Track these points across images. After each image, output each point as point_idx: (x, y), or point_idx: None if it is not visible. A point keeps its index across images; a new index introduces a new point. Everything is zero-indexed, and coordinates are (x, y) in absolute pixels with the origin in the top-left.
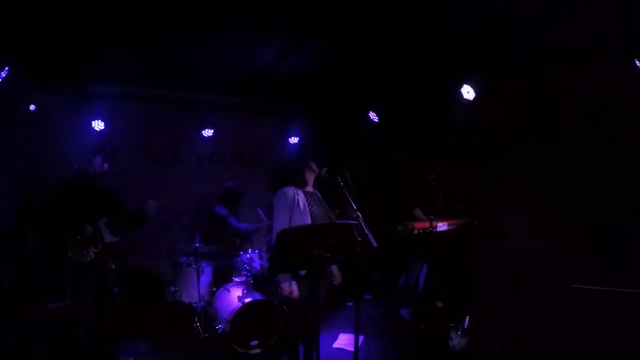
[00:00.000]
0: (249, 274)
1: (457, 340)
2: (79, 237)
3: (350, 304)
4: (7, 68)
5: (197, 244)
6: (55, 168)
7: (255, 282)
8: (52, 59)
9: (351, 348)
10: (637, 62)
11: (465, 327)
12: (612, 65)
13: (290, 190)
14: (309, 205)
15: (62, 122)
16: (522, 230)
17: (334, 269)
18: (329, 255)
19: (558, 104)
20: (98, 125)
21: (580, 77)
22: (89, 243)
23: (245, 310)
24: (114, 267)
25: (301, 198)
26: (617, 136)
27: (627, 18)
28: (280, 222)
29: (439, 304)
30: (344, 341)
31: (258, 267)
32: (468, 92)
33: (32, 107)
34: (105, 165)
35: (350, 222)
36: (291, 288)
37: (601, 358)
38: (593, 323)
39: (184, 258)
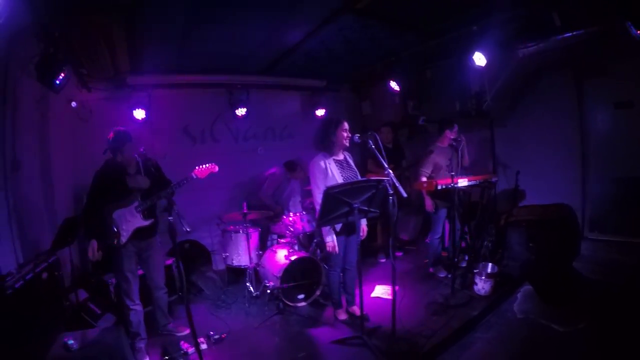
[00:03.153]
0: (292, 235)
1: (481, 284)
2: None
3: (383, 260)
4: (63, 74)
5: (245, 211)
6: (97, 161)
7: (298, 242)
8: (92, 56)
9: (387, 296)
10: None
11: (489, 272)
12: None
13: (320, 160)
14: (338, 171)
15: (103, 116)
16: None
17: (363, 224)
18: (367, 208)
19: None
20: (139, 114)
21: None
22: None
23: (291, 267)
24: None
25: (332, 166)
26: None
27: None
28: (318, 189)
29: (465, 258)
30: (380, 291)
31: (300, 228)
32: (479, 59)
33: (73, 103)
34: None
35: (383, 178)
36: (333, 242)
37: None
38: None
39: (233, 225)
